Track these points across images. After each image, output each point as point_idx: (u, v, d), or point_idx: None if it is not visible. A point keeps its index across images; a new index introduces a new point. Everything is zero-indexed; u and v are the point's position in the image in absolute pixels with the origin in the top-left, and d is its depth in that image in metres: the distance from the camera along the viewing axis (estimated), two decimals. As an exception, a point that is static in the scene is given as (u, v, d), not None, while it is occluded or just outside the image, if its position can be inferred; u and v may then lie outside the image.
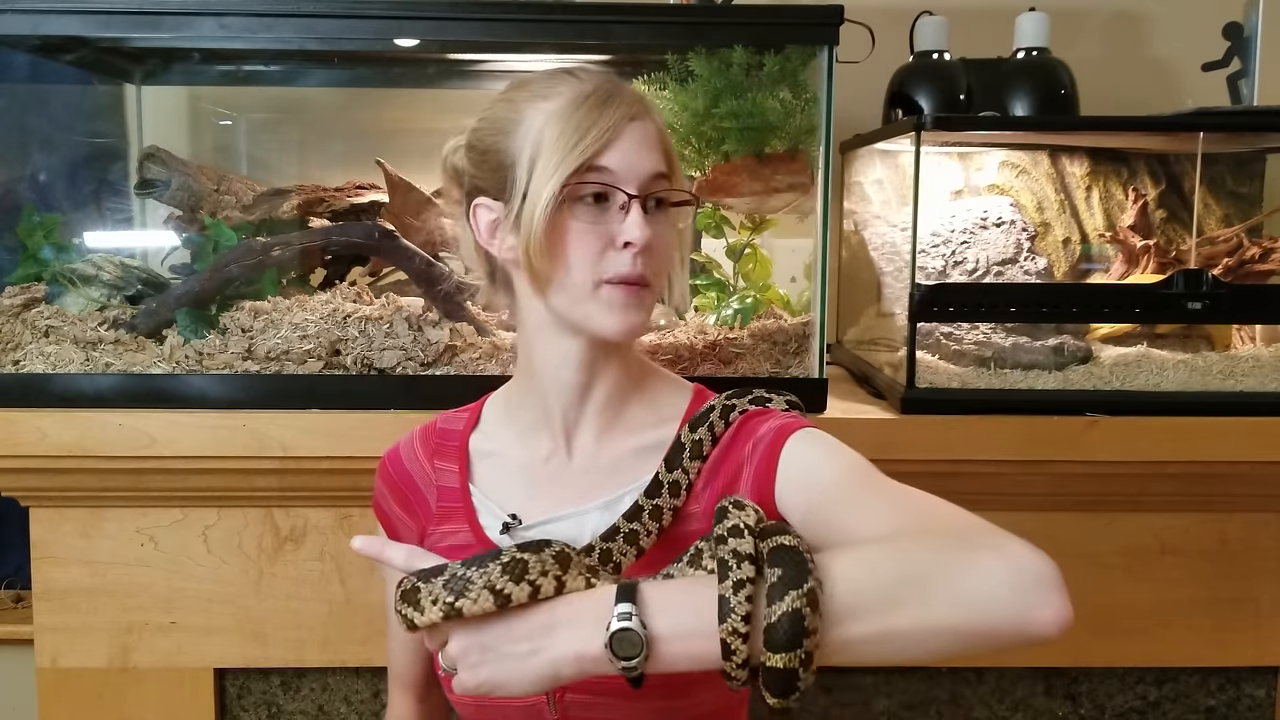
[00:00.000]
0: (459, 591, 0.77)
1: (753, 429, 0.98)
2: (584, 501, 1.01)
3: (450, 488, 1.06)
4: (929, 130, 1.39)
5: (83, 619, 1.40)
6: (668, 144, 0.99)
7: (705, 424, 0.99)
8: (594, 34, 1.38)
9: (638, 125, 0.95)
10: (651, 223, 0.95)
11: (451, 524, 1.04)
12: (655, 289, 0.97)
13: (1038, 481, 1.39)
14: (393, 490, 1.09)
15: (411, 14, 1.33)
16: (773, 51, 1.37)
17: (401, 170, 1.51)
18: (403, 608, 0.81)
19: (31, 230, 1.48)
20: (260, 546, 1.40)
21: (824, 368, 1.40)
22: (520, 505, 1.02)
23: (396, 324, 1.40)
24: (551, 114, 0.95)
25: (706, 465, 0.99)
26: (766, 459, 0.94)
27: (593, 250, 0.94)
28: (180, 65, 1.66)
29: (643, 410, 1.04)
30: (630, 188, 0.94)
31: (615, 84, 0.98)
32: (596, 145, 0.93)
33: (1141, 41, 1.91)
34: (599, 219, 0.94)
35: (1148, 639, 1.46)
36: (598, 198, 0.95)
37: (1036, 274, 1.55)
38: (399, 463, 1.10)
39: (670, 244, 0.98)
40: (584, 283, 0.95)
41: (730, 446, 0.99)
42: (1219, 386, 1.43)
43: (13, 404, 1.34)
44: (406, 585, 0.81)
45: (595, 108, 0.94)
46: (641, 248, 0.93)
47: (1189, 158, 1.65)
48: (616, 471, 1.01)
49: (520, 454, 1.05)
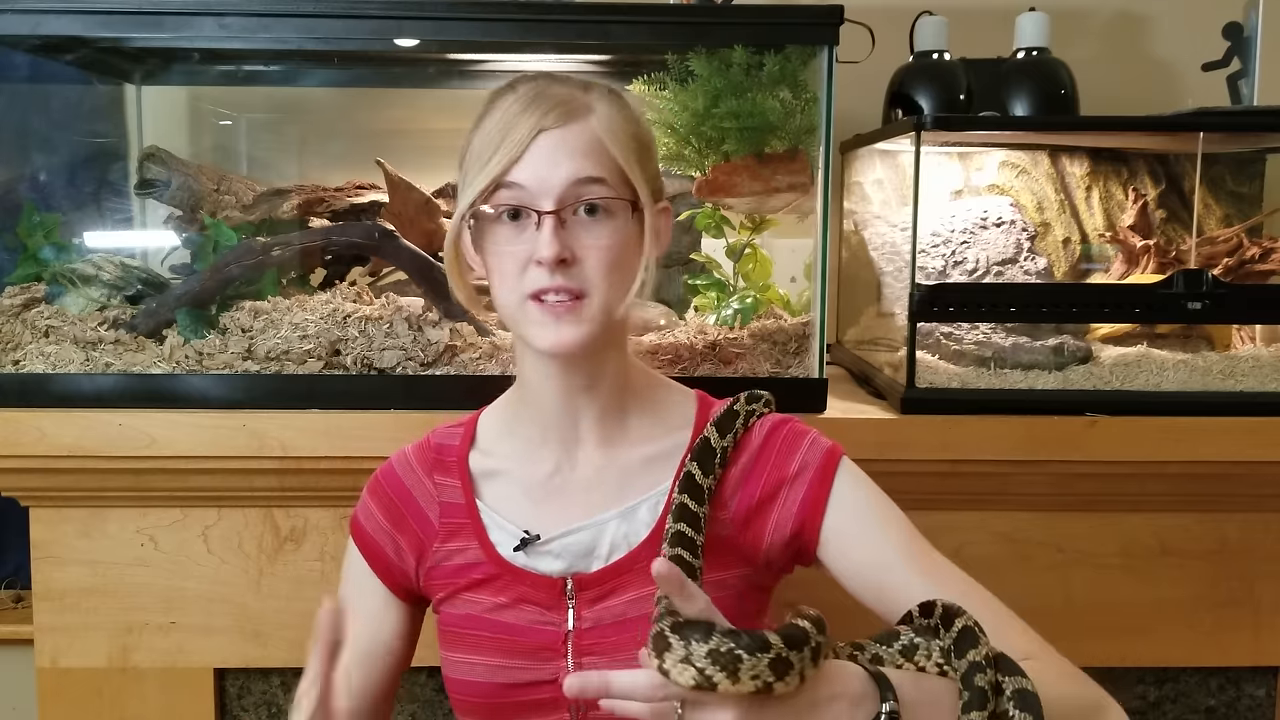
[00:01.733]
0: (730, 670, 0.73)
1: (791, 444, 1.01)
2: (597, 512, 1.00)
3: (455, 504, 1.04)
4: (929, 130, 1.39)
5: (83, 619, 1.40)
6: (608, 142, 0.94)
7: (733, 432, 1.00)
8: (594, 34, 1.38)
9: (555, 133, 0.92)
10: (581, 231, 0.93)
11: (458, 540, 1.03)
12: (598, 299, 0.93)
13: (1038, 481, 1.39)
14: (386, 507, 1.07)
15: (411, 14, 1.33)
16: (773, 51, 1.37)
17: (401, 170, 1.51)
18: (655, 652, 0.75)
19: (31, 230, 1.48)
20: (260, 546, 1.40)
21: (824, 368, 1.40)
22: (530, 520, 1.01)
23: (396, 324, 1.40)
24: (481, 131, 0.95)
25: (734, 471, 1.00)
26: (817, 488, 0.99)
27: (512, 270, 0.93)
28: (180, 65, 1.66)
29: (647, 420, 1.04)
30: (544, 201, 0.92)
31: (540, 90, 0.94)
32: (502, 163, 0.92)
33: (1141, 41, 1.91)
34: (517, 239, 0.93)
35: (1148, 639, 1.46)
36: (515, 215, 0.93)
37: (1036, 274, 1.55)
38: (395, 479, 1.07)
39: (614, 249, 0.94)
40: (512, 302, 0.95)
41: (763, 456, 1.01)
42: (1219, 386, 1.43)
43: (13, 404, 1.34)
44: (664, 631, 0.75)
45: (511, 121, 0.93)
46: (555, 262, 0.91)
47: (1189, 158, 1.65)
48: (627, 481, 1.01)
49: (524, 469, 1.04)
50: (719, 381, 1.37)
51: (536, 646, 0.98)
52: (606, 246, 0.94)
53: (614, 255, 0.94)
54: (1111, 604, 1.45)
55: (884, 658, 0.85)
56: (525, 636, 0.99)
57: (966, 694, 0.80)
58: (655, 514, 1.00)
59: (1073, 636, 1.44)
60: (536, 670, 0.98)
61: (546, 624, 0.99)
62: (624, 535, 0.99)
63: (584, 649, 0.98)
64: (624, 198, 0.95)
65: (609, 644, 0.97)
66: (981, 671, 0.80)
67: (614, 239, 0.94)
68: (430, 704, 1.47)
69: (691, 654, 0.72)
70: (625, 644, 0.97)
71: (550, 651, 0.98)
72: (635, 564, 0.98)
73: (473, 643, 1.00)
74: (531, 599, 0.99)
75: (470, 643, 1.00)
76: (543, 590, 0.99)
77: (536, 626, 0.99)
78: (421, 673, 1.46)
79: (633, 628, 0.97)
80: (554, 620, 0.98)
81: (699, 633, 0.73)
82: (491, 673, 0.99)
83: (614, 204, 0.94)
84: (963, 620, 0.83)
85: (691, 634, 0.73)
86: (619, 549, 0.99)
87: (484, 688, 0.99)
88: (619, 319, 0.98)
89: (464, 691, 1.01)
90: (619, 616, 0.98)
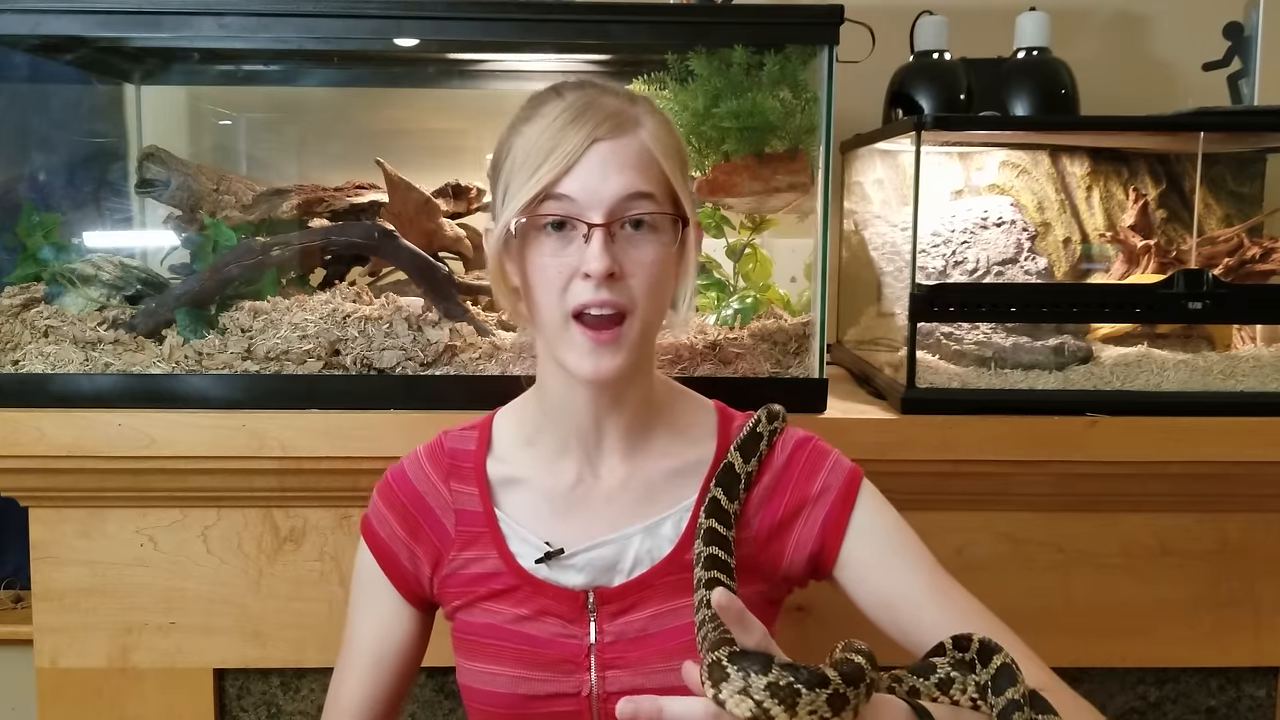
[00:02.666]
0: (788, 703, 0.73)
1: (814, 464, 1.02)
2: (622, 526, 1.00)
3: (472, 512, 1.02)
4: (929, 130, 1.39)
5: (82, 619, 1.40)
6: (657, 159, 0.92)
7: (757, 455, 1.01)
8: (594, 34, 1.38)
9: (607, 145, 0.90)
10: (629, 246, 0.91)
11: (476, 549, 1.02)
12: (638, 322, 0.92)
13: (1038, 481, 1.39)
14: (398, 513, 1.05)
15: (411, 14, 1.33)
16: (773, 51, 1.37)
17: (401, 170, 1.51)
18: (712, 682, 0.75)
19: (31, 230, 1.48)
20: (260, 546, 1.40)
21: (824, 368, 1.40)
22: (551, 532, 1.00)
23: (396, 324, 1.40)
24: (526, 138, 0.92)
25: (757, 491, 1.01)
26: (838, 511, 1.00)
27: (556, 283, 0.91)
28: (180, 65, 1.66)
29: (669, 433, 1.03)
30: (594, 214, 0.89)
31: (592, 100, 0.92)
32: (553, 172, 0.89)
33: (1141, 41, 1.90)
34: (562, 250, 0.91)
35: (1148, 639, 1.46)
36: (559, 226, 0.91)
37: (1037, 274, 1.55)
38: (407, 484, 1.05)
39: (657, 265, 0.92)
40: (553, 317, 0.92)
41: (786, 476, 1.01)
42: (1219, 386, 1.43)
43: (12, 404, 1.33)
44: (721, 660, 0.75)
45: (560, 129, 0.90)
46: (603, 277, 0.89)
47: (1189, 158, 1.65)
48: (651, 495, 1.01)
49: (545, 480, 1.02)
50: (719, 382, 1.37)
51: (559, 659, 0.98)
52: (651, 263, 0.92)
53: (659, 272, 0.93)
54: (1112, 604, 1.45)
55: (920, 690, 0.86)
56: (548, 649, 0.98)
57: (963, 700, 0.81)
58: (679, 530, 1.00)
59: (1073, 636, 1.45)
60: (559, 682, 0.98)
61: (569, 637, 0.98)
62: (647, 550, 0.99)
63: (607, 663, 0.97)
64: (672, 213, 0.94)
65: (632, 658, 0.97)
66: (1019, 710, 0.81)
67: (658, 256, 0.92)
68: (430, 704, 1.47)
69: (750, 686, 0.72)
70: (648, 658, 0.97)
71: (572, 664, 0.98)
72: (658, 579, 0.98)
73: (494, 653, 1.00)
74: (553, 611, 0.99)
75: (492, 653, 1.00)
76: (564, 603, 0.98)
77: (559, 639, 0.98)
78: (420, 673, 1.45)
79: (655, 643, 0.97)
80: (576, 634, 0.98)
81: (758, 665, 0.73)
82: (514, 684, 0.98)
83: (661, 220, 0.92)
84: (1001, 658, 0.84)
85: (751, 666, 0.73)
86: (642, 564, 0.99)
87: (506, 698, 0.99)
88: (652, 340, 0.98)
89: (484, 701, 1.00)
90: (641, 631, 0.98)
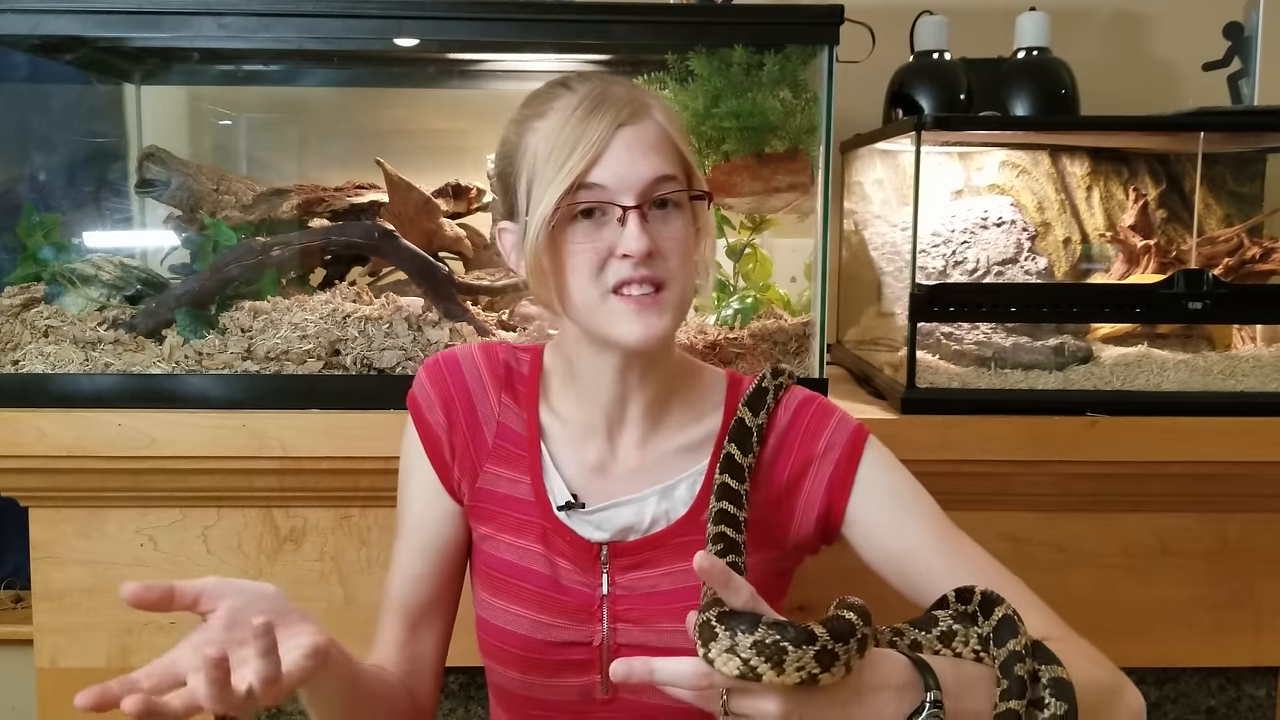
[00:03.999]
0: (775, 661, 0.73)
1: (818, 422, 1.03)
2: (639, 489, 1.02)
3: (516, 432, 1.04)
4: (929, 130, 1.39)
5: (82, 619, 1.40)
6: (674, 140, 0.96)
7: (765, 408, 1.02)
8: (594, 34, 1.38)
9: (630, 130, 0.93)
10: (660, 225, 0.94)
11: (512, 470, 1.03)
12: (677, 290, 0.95)
13: (1038, 481, 1.39)
14: (444, 399, 1.05)
15: (411, 14, 1.33)
16: (773, 51, 1.37)
17: (401, 170, 1.51)
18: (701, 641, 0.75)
19: (31, 230, 1.48)
20: (260, 546, 1.40)
21: (824, 368, 1.40)
22: (575, 489, 1.02)
23: (396, 324, 1.40)
24: (543, 133, 0.94)
25: (765, 453, 1.02)
26: (844, 468, 1.01)
27: (592, 266, 0.93)
28: (180, 65, 1.66)
29: (683, 412, 1.05)
30: (626, 198, 0.92)
31: (605, 90, 0.95)
32: (584, 162, 0.91)
33: (1141, 41, 1.90)
34: (596, 235, 0.93)
35: (1148, 639, 1.46)
36: (591, 213, 0.93)
37: (1037, 274, 1.55)
38: (459, 372, 1.06)
39: (686, 241, 0.96)
40: (591, 298, 0.94)
41: (790, 435, 1.03)
42: (1219, 386, 1.43)
43: (12, 404, 1.33)
44: (710, 620, 0.75)
45: (581, 121, 0.93)
46: (642, 256, 0.92)
47: (1189, 158, 1.65)
48: (663, 465, 1.03)
49: (572, 452, 1.04)
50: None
51: (576, 607, 1.00)
52: (681, 239, 0.95)
53: (687, 247, 0.96)
54: (1112, 604, 1.45)
55: (922, 644, 0.86)
56: (567, 595, 1.00)
57: (1005, 682, 0.81)
58: (693, 492, 1.02)
59: (1073, 637, 1.45)
60: (574, 630, 0.99)
61: (584, 585, 1.00)
62: (664, 511, 1.01)
63: (618, 614, 0.99)
64: (695, 191, 0.97)
65: (641, 612, 0.99)
66: (1021, 661, 0.81)
67: (685, 231, 0.96)
68: (430, 704, 1.47)
69: (737, 645, 0.73)
70: (659, 615, 0.98)
71: (586, 614, 1.00)
72: (671, 539, 1.00)
73: (516, 592, 1.01)
74: (568, 556, 1.00)
75: (514, 591, 1.01)
76: (579, 550, 1.00)
77: (576, 586, 1.00)
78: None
79: (667, 600, 0.98)
80: (589, 583, 1.00)
81: (745, 624, 0.73)
82: (534, 628, 1.00)
83: (683, 197, 0.96)
84: (1002, 609, 0.84)
85: (737, 624, 0.73)
86: (659, 524, 1.01)
87: (523, 640, 1.00)
88: (687, 312, 1.00)
89: (502, 639, 1.01)
90: (653, 588, 0.99)
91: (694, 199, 0.97)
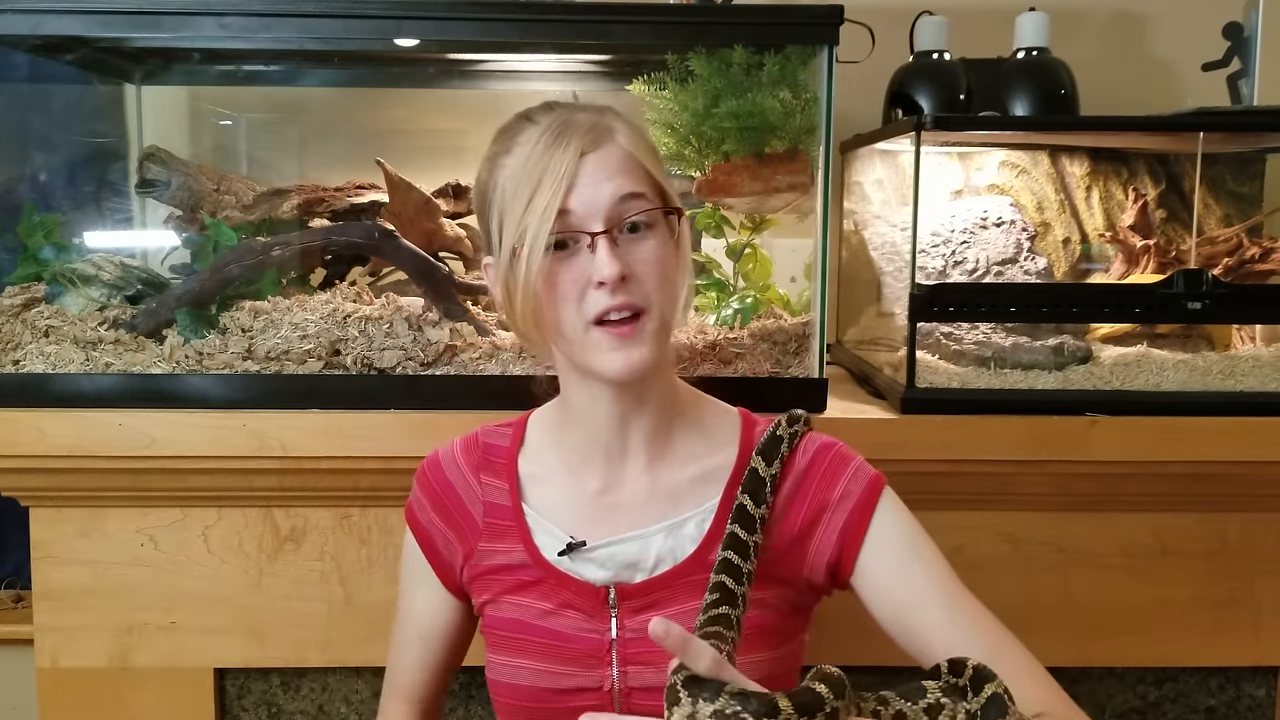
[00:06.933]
0: None
1: (835, 469, 1.02)
2: (646, 525, 1.01)
3: (500, 505, 1.04)
4: (929, 130, 1.39)
5: (82, 619, 1.40)
6: (639, 160, 0.96)
7: (779, 457, 1.01)
8: (594, 34, 1.38)
9: (593, 157, 0.93)
10: (632, 248, 0.94)
11: (504, 543, 1.03)
12: (656, 314, 0.95)
13: (1038, 481, 1.39)
14: (432, 499, 1.08)
15: (411, 14, 1.33)
16: (773, 51, 1.37)
17: (401, 170, 1.51)
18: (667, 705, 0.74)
19: (31, 230, 1.48)
20: (260, 546, 1.40)
21: (824, 368, 1.40)
22: (577, 529, 1.01)
23: (396, 324, 1.40)
24: (510, 169, 0.95)
25: (780, 497, 1.01)
26: (858, 517, 1.00)
27: (571, 296, 0.94)
28: (180, 65, 1.66)
29: (693, 439, 1.04)
30: (594, 224, 0.92)
31: (567, 119, 0.95)
32: (559, 192, 0.91)
33: (1141, 41, 1.91)
34: (572, 265, 0.93)
35: (1148, 639, 1.46)
36: (565, 244, 0.93)
37: (1036, 274, 1.55)
38: (440, 472, 1.08)
39: (662, 261, 0.95)
40: (574, 328, 0.94)
41: (808, 480, 1.02)
42: (1219, 386, 1.43)
43: (12, 404, 1.34)
44: (676, 684, 0.73)
45: (544, 153, 0.93)
46: (616, 281, 0.91)
47: (1189, 158, 1.65)
48: (676, 499, 1.02)
49: (570, 483, 1.04)
50: (719, 381, 1.36)
51: (583, 654, 0.99)
52: (656, 260, 0.95)
53: (663, 268, 0.95)
54: (1111, 604, 1.45)
55: (908, 715, 0.84)
56: (572, 643, 0.99)
57: None
58: (702, 530, 1.00)
59: (1073, 636, 1.45)
60: (583, 677, 0.99)
61: (591, 631, 0.99)
62: (670, 549, 1.00)
63: (629, 658, 0.98)
64: (665, 208, 0.96)
65: (653, 654, 0.97)
66: None
67: (660, 251, 0.95)
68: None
69: (697, 713, 0.72)
70: (670, 656, 0.97)
71: (595, 659, 0.99)
72: (679, 578, 0.99)
73: (520, 646, 1.01)
74: (575, 605, 1.00)
75: (518, 646, 1.01)
76: (586, 597, 0.99)
77: (582, 634, 0.99)
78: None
79: None
80: (598, 628, 0.99)
81: (708, 692, 0.72)
82: (539, 677, 1.00)
83: (655, 216, 0.95)
84: (993, 686, 0.82)
85: (700, 692, 0.72)
86: (664, 563, 1.00)
87: (531, 692, 1.00)
88: (670, 335, 0.99)
89: (510, 695, 1.02)
90: None
91: (668, 214, 0.96)
